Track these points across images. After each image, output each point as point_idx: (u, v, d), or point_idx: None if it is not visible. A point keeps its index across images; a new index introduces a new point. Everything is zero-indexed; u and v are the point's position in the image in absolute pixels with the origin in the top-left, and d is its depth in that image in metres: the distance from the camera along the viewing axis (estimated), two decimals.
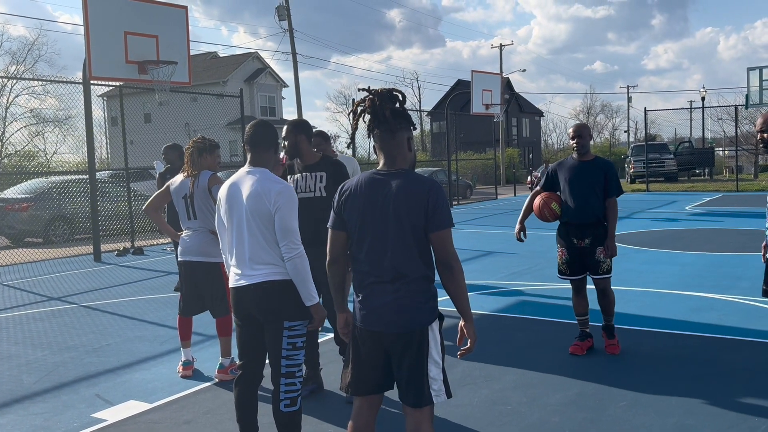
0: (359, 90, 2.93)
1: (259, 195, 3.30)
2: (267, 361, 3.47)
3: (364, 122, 2.93)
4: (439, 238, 2.75)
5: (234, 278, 3.42)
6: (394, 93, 2.87)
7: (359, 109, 2.91)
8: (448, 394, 2.86)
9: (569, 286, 8.00)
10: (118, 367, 5.48)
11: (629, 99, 67.91)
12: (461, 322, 2.84)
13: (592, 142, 5.38)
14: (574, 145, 5.24)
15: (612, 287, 5.38)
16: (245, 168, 3.47)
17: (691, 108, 43.29)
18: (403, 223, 2.74)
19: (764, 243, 4.68)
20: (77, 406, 4.63)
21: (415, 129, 2.97)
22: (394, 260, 2.76)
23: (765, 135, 4.82)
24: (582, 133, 5.23)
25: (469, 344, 2.83)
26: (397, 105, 2.87)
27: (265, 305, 3.33)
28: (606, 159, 5.38)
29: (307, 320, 3.40)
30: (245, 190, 3.36)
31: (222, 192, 3.49)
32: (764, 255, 4.66)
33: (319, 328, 3.42)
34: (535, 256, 10.62)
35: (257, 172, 3.41)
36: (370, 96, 2.87)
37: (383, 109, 2.83)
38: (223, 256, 3.57)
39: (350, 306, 2.98)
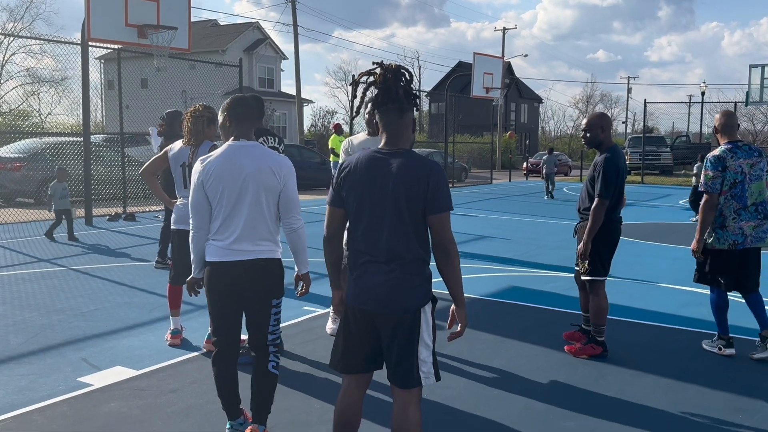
0: (373, 63, 2.86)
1: (270, 169, 3.30)
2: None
3: (367, 95, 2.87)
4: (438, 221, 2.72)
5: (221, 253, 3.32)
6: (402, 71, 2.82)
7: (365, 79, 2.84)
8: (437, 377, 2.85)
9: (562, 274, 8.05)
10: (106, 333, 5.46)
11: (629, 90, 67.85)
12: (453, 306, 2.83)
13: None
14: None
15: (604, 291, 4.98)
16: (235, 141, 3.38)
17: (690, 102, 43.27)
18: (402, 204, 2.71)
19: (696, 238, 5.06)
20: (63, 369, 4.61)
21: (418, 110, 2.93)
22: (391, 240, 2.73)
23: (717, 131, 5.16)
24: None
25: (459, 328, 2.82)
26: (403, 83, 2.81)
27: (261, 282, 3.36)
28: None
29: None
30: (250, 164, 3.30)
31: (208, 165, 3.33)
32: (695, 250, 5.08)
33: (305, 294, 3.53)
34: (528, 243, 10.64)
35: (254, 146, 3.36)
36: (383, 70, 2.80)
37: (397, 87, 2.77)
38: (196, 231, 3.39)
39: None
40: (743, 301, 5.20)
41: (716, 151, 5.00)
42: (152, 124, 12.63)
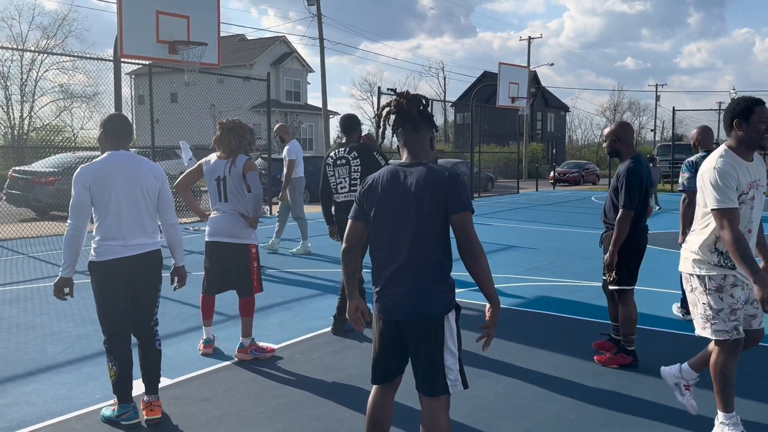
0: (389, 90, 3.00)
1: (150, 173, 3.89)
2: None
3: (388, 125, 2.98)
4: (460, 221, 2.76)
5: (120, 250, 3.79)
6: (419, 98, 2.96)
7: (384, 111, 2.99)
8: (465, 385, 2.89)
9: (589, 283, 8.01)
10: None
11: (657, 98, 67.11)
12: (487, 306, 2.82)
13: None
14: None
15: (632, 300, 4.99)
16: (117, 152, 3.85)
17: (719, 109, 42.53)
18: (424, 210, 2.78)
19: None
20: (100, 378, 4.72)
21: (437, 131, 3.05)
22: (414, 248, 2.79)
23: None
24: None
25: (487, 331, 2.80)
26: (421, 108, 2.95)
27: (154, 270, 3.96)
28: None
29: None
30: (134, 169, 3.82)
31: (94, 171, 3.75)
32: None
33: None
34: (555, 252, 10.59)
35: (131, 154, 3.90)
36: (396, 98, 2.96)
37: (409, 108, 2.91)
38: (76, 230, 3.72)
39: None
40: None
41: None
42: (182, 137, 12.88)
